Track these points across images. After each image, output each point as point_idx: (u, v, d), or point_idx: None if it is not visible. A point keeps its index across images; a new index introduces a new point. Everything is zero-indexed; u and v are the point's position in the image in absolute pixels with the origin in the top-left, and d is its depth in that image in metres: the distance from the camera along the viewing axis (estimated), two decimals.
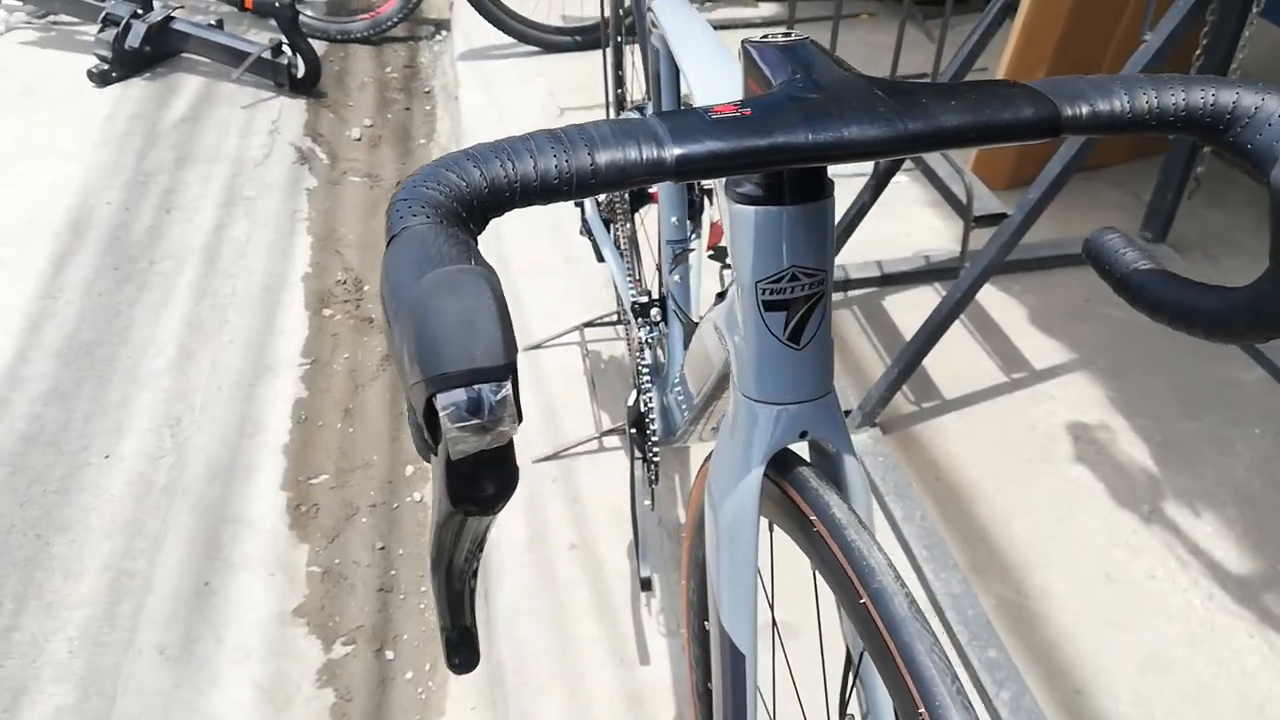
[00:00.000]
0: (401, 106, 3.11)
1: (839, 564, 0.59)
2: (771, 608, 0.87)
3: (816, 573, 0.66)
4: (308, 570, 1.61)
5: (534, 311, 2.00)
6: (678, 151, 0.47)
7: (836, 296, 2.06)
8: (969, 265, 1.55)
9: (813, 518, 0.62)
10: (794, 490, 0.65)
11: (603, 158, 0.46)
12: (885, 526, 1.55)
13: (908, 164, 2.10)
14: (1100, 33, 2.21)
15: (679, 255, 1.22)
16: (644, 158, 0.47)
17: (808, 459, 0.72)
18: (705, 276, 1.79)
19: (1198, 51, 1.96)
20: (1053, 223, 2.22)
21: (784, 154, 0.48)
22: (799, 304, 0.62)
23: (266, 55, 3.01)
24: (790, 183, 0.60)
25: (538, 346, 1.90)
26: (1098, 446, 1.69)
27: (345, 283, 2.27)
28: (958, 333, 1.94)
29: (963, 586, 1.43)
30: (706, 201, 1.61)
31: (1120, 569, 1.49)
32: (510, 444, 0.39)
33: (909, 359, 1.62)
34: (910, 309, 2.00)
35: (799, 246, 0.61)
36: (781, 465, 0.67)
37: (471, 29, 3.21)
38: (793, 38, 0.60)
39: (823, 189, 0.61)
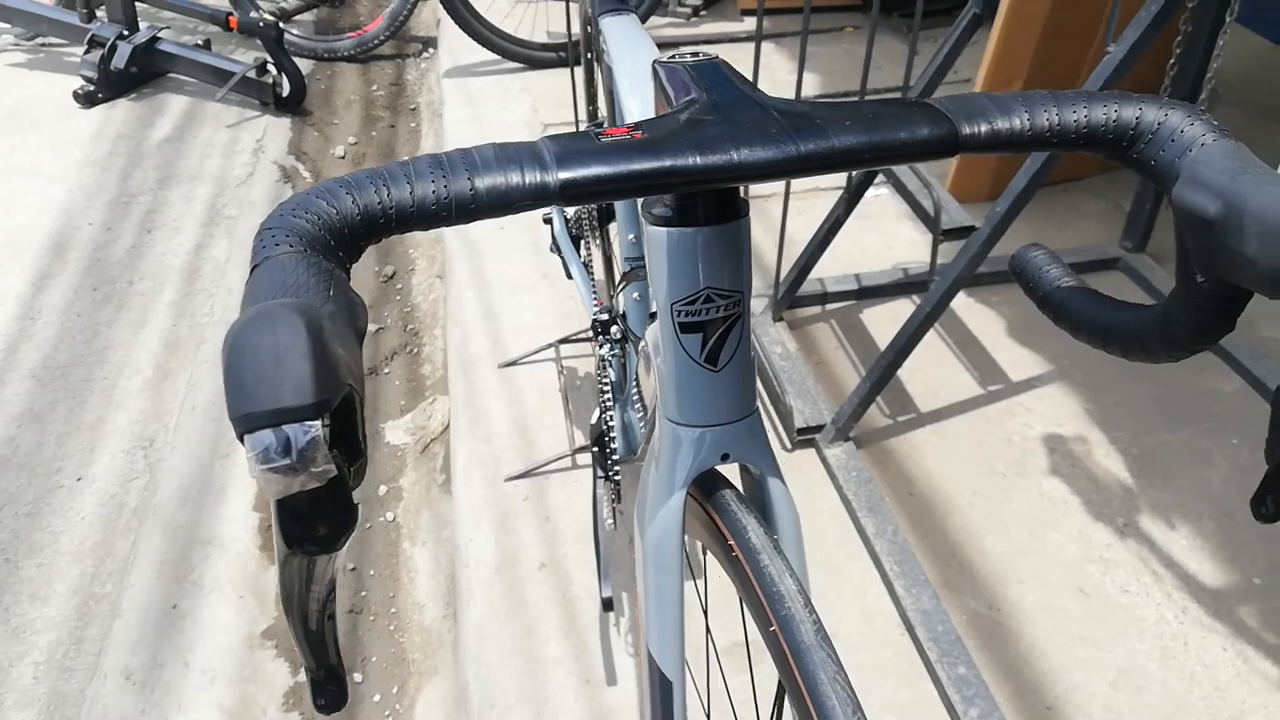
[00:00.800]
0: (387, 124, 3.11)
1: (753, 589, 0.58)
2: (708, 631, 0.85)
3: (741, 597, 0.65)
4: (278, 592, 1.60)
5: (511, 329, 1.99)
6: (562, 176, 0.46)
7: (814, 310, 2.05)
8: (938, 279, 1.54)
9: (731, 541, 0.61)
10: (716, 513, 0.64)
11: (483, 183, 0.46)
12: (857, 542, 1.54)
13: (880, 177, 2.10)
14: (1079, 42, 2.20)
15: (634, 272, 1.22)
16: (527, 182, 0.46)
17: (740, 480, 0.71)
18: None
19: (1171, 61, 1.96)
20: (1033, 234, 2.22)
21: (671, 177, 0.48)
22: (715, 326, 0.61)
23: (251, 74, 3.02)
24: (703, 204, 0.59)
25: (513, 363, 1.89)
26: (1073, 459, 1.68)
27: None
28: (935, 345, 1.93)
29: (933, 603, 1.42)
30: None
31: (1094, 584, 1.47)
32: (339, 481, 0.38)
33: (881, 373, 1.61)
34: (887, 322, 1.99)
35: (714, 268, 0.60)
36: (707, 488, 0.67)
37: (458, 46, 3.22)
38: (701, 58, 0.60)
39: (736, 210, 0.60)
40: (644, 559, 0.67)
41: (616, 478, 1.27)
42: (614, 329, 1.29)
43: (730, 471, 0.73)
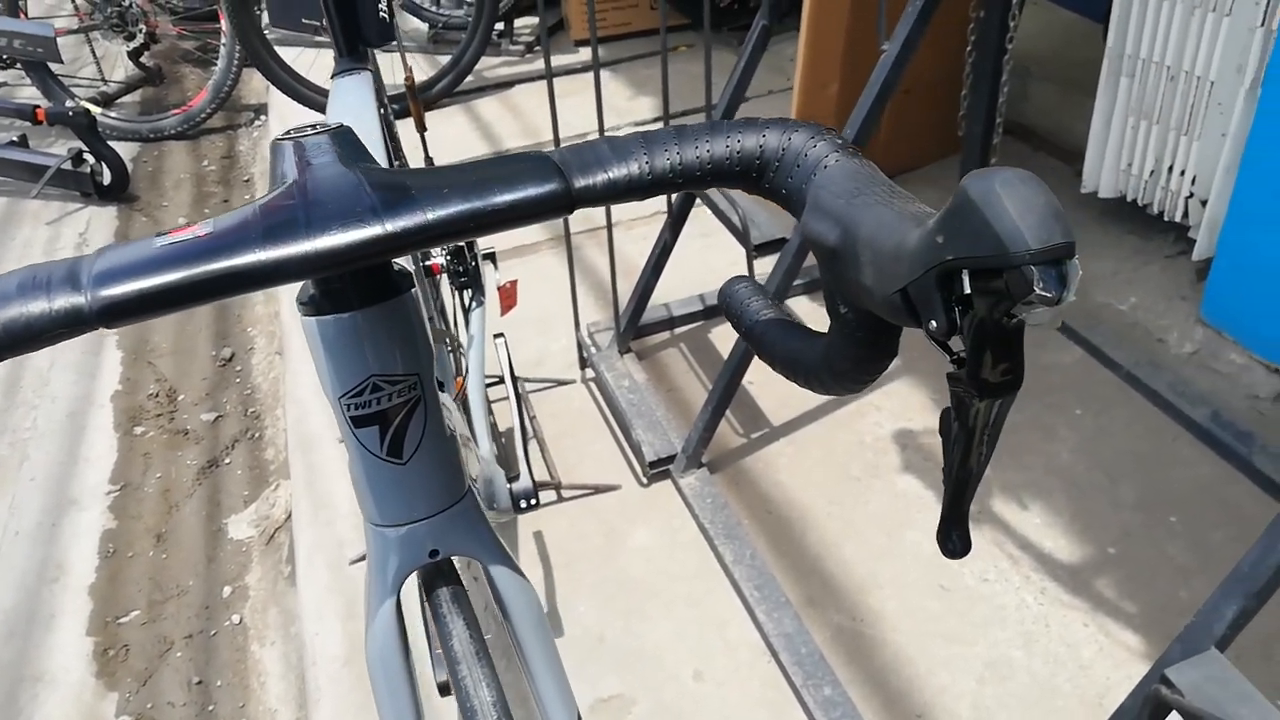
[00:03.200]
0: (220, 199, 3.00)
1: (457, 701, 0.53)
2: None
3: None
4: None
5: None
6: (102, 295, 0.41)
7: (663, 336, 2.02)
8: None
9: (439, 649, 0.56)
10: (432, 617, 0.59)
11: None
12: (717, 571, 1.50)
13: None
14: None
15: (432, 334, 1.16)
16: (55, 309, 0.40)
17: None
18: (520, 342, 1.72)
19: (969, 48, 2.00)
20: None
21: (234, 280, 0.42)
22: (392, 415, 0.56)
23: (67, 166, 2.87)
24: (351, 286, 0.54)
25: None
26: (924, 453, 1.67)
27: (158, 395, 2.14)
28: None
29: (795, 624, 1.38)
30: (491, 266, 1.56)
31: (952, 577, 1.46)
32: None
33: (720, 395, 1.58)
34: (734, 340, 1.97)
35: (378, 353, 0.55)
36: (430, 587, 0.61)
37: (287, 111, 3.12)
38: (317, 129, 0.54)
39: (394, 287, 0.55)
40: (369, 674, 0.61)
41: None
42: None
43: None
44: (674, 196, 1.84)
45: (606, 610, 1.46)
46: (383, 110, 1.46)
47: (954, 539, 0.47)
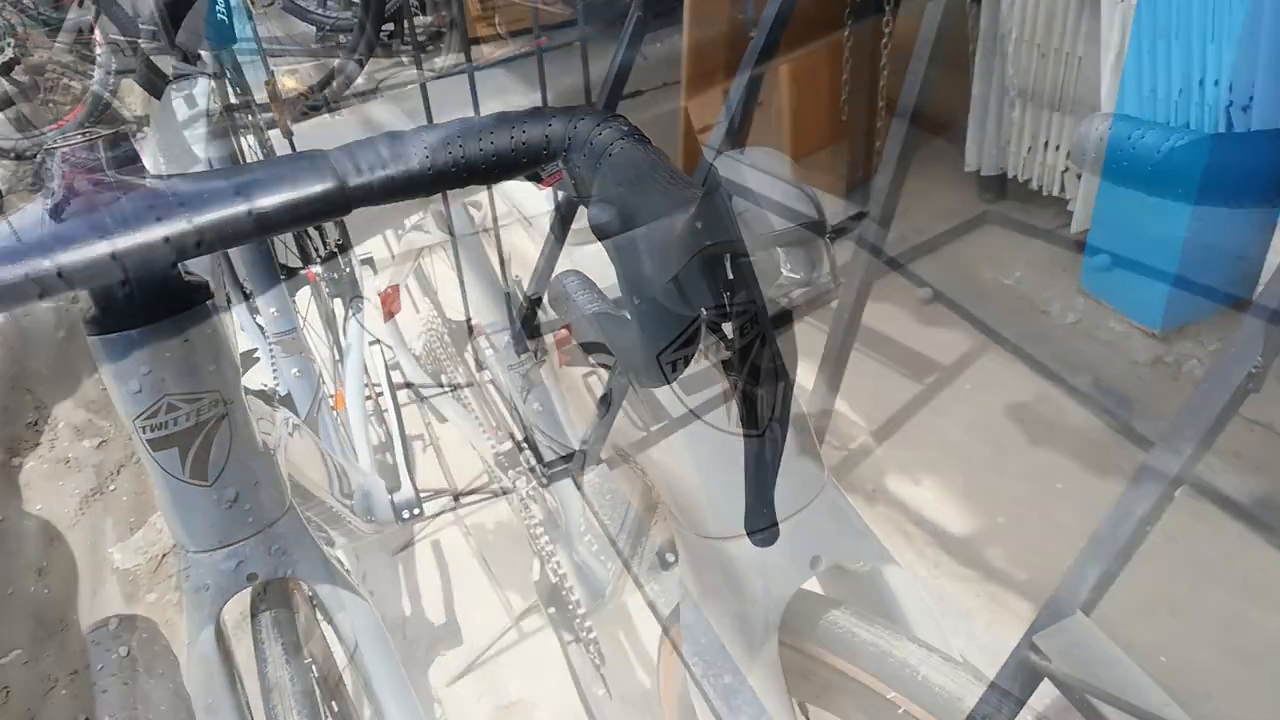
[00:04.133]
0: None
1: None
2: None
3: None
4: None
5: None
6: None
7: (563, 333, 1.99)
8: None
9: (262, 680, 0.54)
10: (254, 645, 0.56)
11: None
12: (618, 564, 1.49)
13: None
14: None
15: (289, 344, 1.12)
16: None
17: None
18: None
19: (845, 34, 2.02)
20: None
21: None
22: (192, 435, 0.53)
23: None
24: (136, 300, 0.51)
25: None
26: (819, 436, 1.68)
27: (36, 424, 2.05)
28: None
29: (694, 615, 1.38)
30: (370, 270, 1.52)
31: None
32: None
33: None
34: None
35: (172, 371, 0.52)
36: (254, 612, 0.58)
37: None
38: (91, 136, 0.51)
39: (184, 299, 0.52)
40: (192, 704, 0.58)
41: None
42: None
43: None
44: (559, 194, 1.82)
45: (508, 615, 1.44)
46: (250, 116, 1.42)
47: (761, 525, 0.46)
